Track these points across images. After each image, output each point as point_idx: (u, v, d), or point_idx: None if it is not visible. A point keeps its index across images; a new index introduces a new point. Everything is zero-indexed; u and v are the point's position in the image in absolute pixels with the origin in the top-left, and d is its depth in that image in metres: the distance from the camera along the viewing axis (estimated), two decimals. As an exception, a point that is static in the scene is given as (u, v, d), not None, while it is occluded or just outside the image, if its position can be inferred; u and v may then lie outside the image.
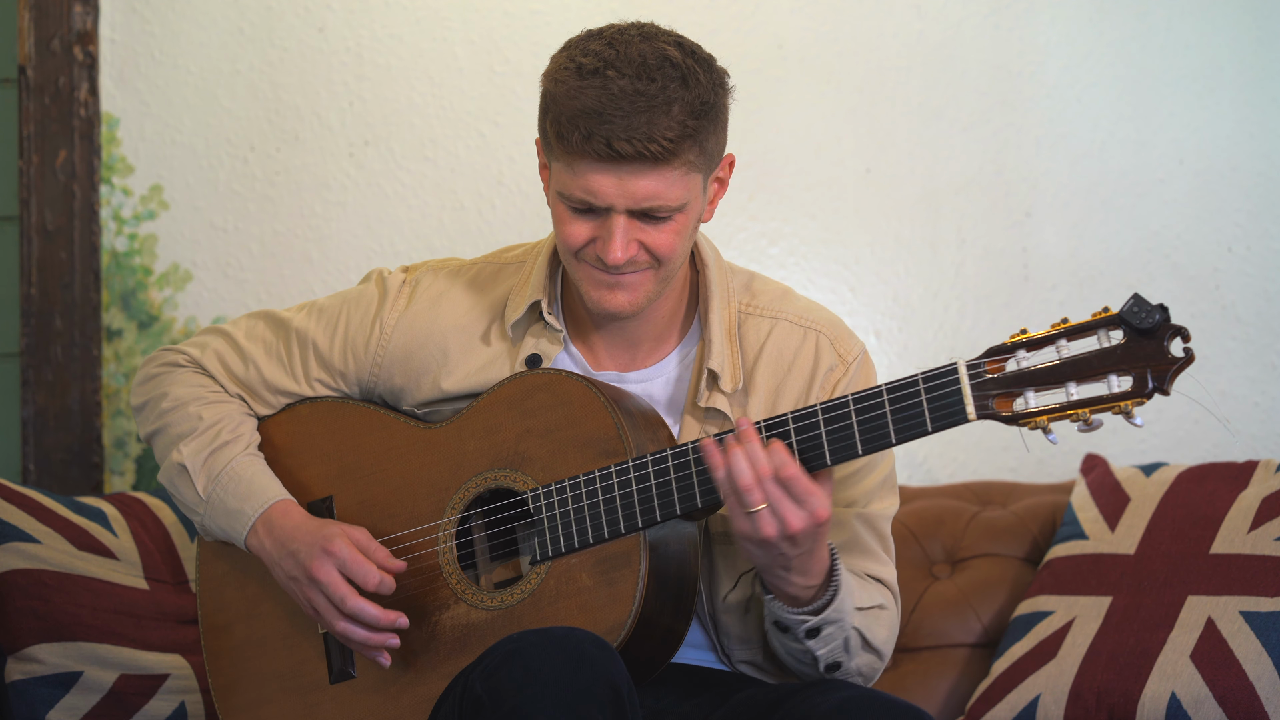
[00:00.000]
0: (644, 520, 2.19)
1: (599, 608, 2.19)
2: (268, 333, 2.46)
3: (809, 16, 3.30)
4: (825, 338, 2.35)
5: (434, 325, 2.39)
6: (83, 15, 3.31)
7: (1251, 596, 2.68)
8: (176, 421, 2.43)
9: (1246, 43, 3.26)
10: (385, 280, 2.44)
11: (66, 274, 3.31)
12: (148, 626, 2.78)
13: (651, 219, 2.22)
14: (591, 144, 2.15)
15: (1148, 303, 1.99)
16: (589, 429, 2.24)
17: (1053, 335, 2.04)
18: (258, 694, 2.41)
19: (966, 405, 2.05)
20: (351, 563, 2.27)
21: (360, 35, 3.33)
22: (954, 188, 3.29)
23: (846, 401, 2.12)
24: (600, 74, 2.17)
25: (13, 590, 2.68)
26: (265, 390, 2.44)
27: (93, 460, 3.31)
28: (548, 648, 2.05)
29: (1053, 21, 3.28)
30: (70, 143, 3.31)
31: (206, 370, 2.46)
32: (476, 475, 2.31)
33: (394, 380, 2.40)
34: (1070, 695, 2.71)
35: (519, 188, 3.32)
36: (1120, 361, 2.00)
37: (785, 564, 2.15)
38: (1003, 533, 3.03)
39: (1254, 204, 3.25)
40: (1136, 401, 1.99)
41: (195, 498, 2.39)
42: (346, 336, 2.42)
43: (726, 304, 2.36)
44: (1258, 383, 3.24)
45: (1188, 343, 2.00)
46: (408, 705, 2.30)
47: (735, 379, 2.31)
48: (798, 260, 3.29)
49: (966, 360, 2.06)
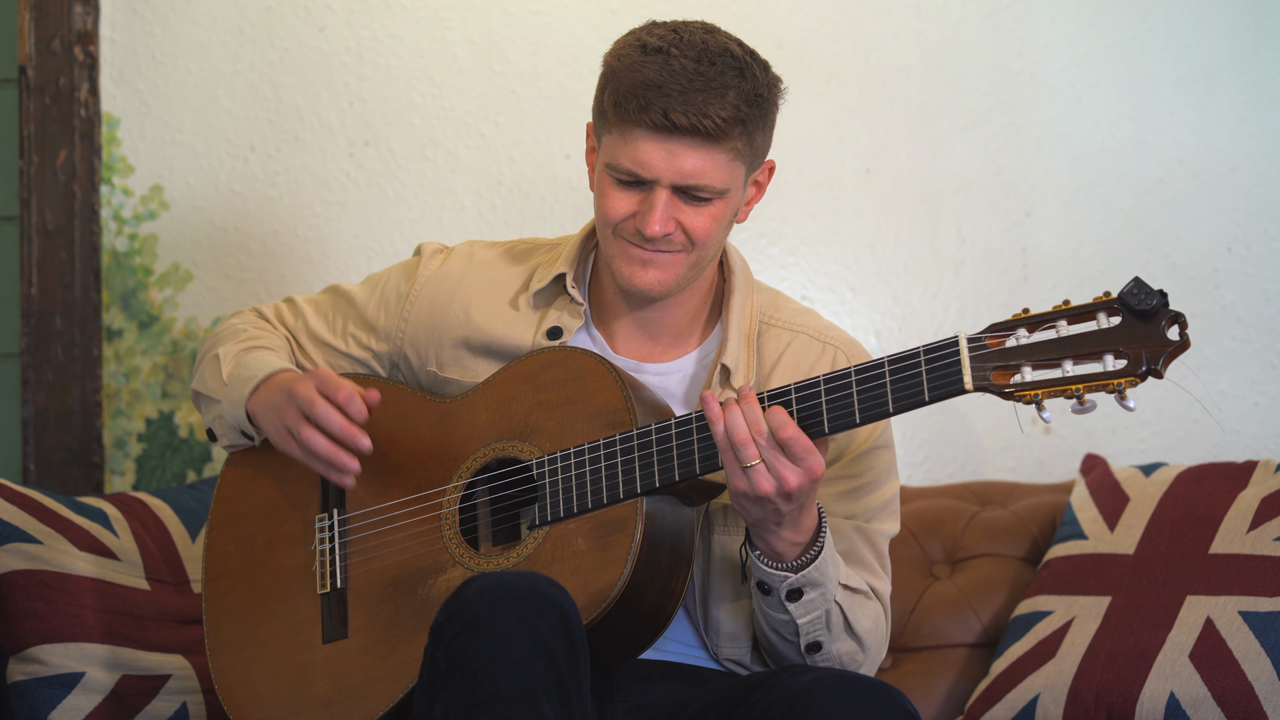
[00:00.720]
0: (643, 486, 2.23)
1: (591, 570, 2.22)
2: (324, 297, 2.61)
3: (809, 16, 3.30)
4: (843, 354, 2.43)
5: (462, 284, 2.49)
6: (83, 15, 3.31)
7: (1250, 596, 2.68)
8: (224, 338, 2.56)
9: (1246, 43, 3.26)
10: (425, 248, 2.57)
11: (67, 274, 3.31)
12: (149, 627, 2.78)
13: (693, 199, 2.30)
14: (649, 114, 2.24)
15: (1148, 286, 2.02)
16: (599, 402, 2.29)
17: (1053, 314, 2.07)
18: (253, 654, 2.45)
19: (965, 376, 2.09)
20: (327, 378, 2.35)
21: (360, 35, 3.33)
22: (954, 188, 3.29)
23: (849, 372, 2.16)
24: (664, 52, 2.26)
25: (14, 591, 2.68)
26: (307, 339, 2.56)
27: (93, 460, 3.31)
28: (502, 575, 2.13)
29: (1053, 21, 3.28)
30: (70, 143, 3.31)
31: (264, 316, 2.61)
32: (485, 445, 2.36)
33: (419, 334, 2.49)
34: (1069, 695, 2.71)
35: (519, 188, 3.32)
36: (1117, 342, 2.03)
37: (778, 519, 2.21)
38: (1002, 533, 3.03)
39: (1254, 204, 3.26)
40: (1130, 381, 2.02)
41: (219, 384, 2.49)
42: (384, 294, 2.54)
43: (749, 311, 2.43)
44: (1258, 383, 3.24)
45: (1185, 329, 2.02)
46: (395, 664, 2.33)
47: (748, 378, 2.38)
48: (798, 260, 3.29)
49: (968, 334, 2.10)
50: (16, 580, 2.69)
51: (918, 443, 3.28)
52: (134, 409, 3.34)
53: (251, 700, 2.43)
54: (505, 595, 2.08)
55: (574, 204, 3.31)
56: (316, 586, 2.42)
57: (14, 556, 2.70)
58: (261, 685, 2.43)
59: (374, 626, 2.37)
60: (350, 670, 2.36)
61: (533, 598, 2.08)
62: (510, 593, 2.09)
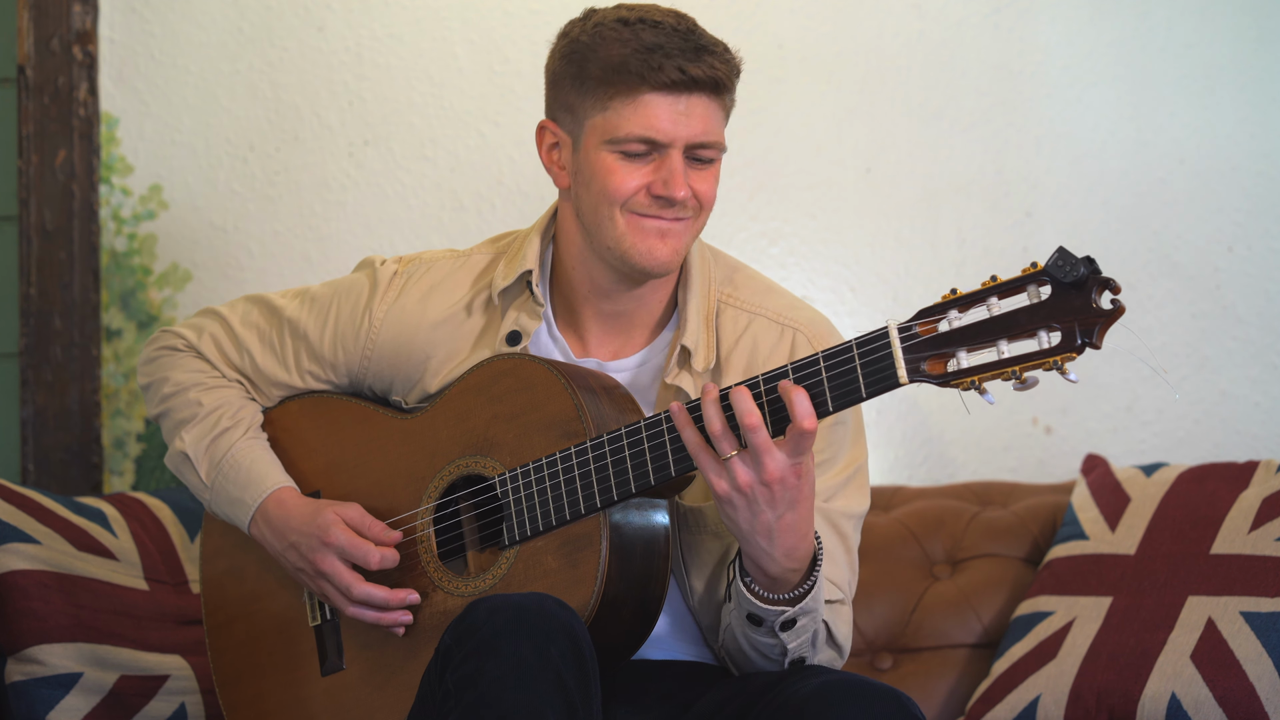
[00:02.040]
0: (602, 500, 2.21)
1: (564, 589, 2.20)
2: (261, 320, 2.49)
3: (809, 16, 3.30)
4: (803, 335, 2.36)
5: (422, 320, 2.41)
6: (82, 15, 3.31)
7: (1252, 597, 2.68)
8: (178, 408, 2.47)
9: (1246, 43, 3.25)
10: (377, 271, 2.46)
11: (66, 274, 3.31)
12: (148, 627, 2.78)
13: (699, 161, 2.28)
14: (663, 73, 2.23)
15: (1072, 255, 1.96)
16: (551, 411, 2.26)
17: (982, 292, 2.01)
18: (258, 688, 2.44)
19: (898, 368, 2.04)
20: (350, 548, 2.31)
21: (360, 35, 3.33)
22: (954, 188, 3.29)
23: (785, 370, 2.11)
24: (646, 21, 2.26)
25: (13, 591, 2.68)
26: (260, 380, 2.48)
27: (92, 460, 3.31)
28: (510, 596, 2.12)
29: (1053, 21, 3.28)
30: (69, 142, 3.31)
31: (204, 355, 2.49)
32: (449, 463, 2.33)
33: (383, 372, 2.43)
34: (1070, 696, 2.71)
35: (519, 188, 3.32)
36: (1049, 316, 1.97)
37: (768, 530, 2.13)
38: (1003, 533, 3.03)
39: (1254, 204, 3.25)
40: (1066, 357, 1.96)
41: (200, 484, 2.44)
42: (337, 328, 2.44)
43: (706, 289, 2.38)
44: (1258, 383, 3.24)
45: (1117, 294, 1.96)
46: (391, 694, 2.32)
47: (708, 360, 2.32)
48: (798, 260, 3.29)
49: (898, 322, 2.05)
50: (15, 580, 2.68)
51: (918, 443, 3.28)
52: (133, 409, 3.33)
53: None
54: (516, 618, 2.07)
55: (574, 204, 3.31)
56: (309, 619, 2.41)
57: (13, 556, 2.70)
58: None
59: (367, 657, 2.36)
60: (350, 703, 2.36)
61: (542, 620, 2.07)
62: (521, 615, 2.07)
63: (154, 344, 2.54)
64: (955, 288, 2.05)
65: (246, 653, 2.46)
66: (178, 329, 2.52)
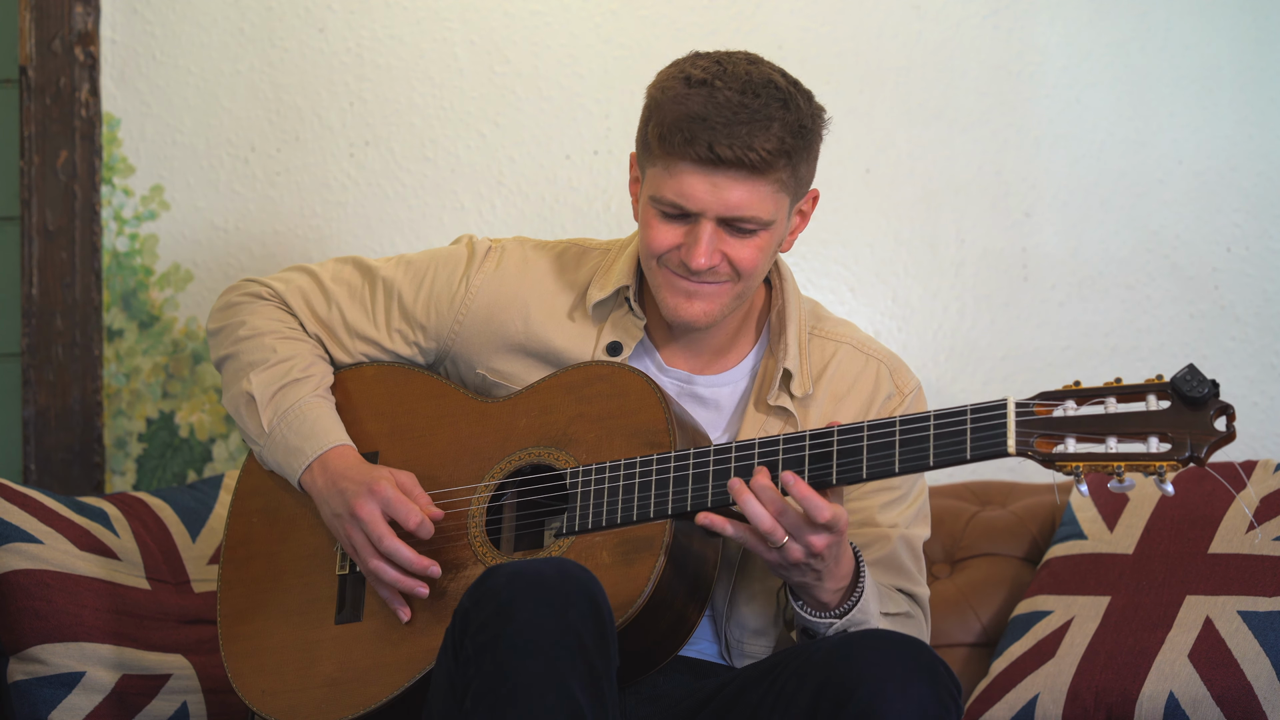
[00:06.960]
0: (674, 508, 2.24)
1: (612, 584, 2.22)
2: (354, 277, 2.54)
3: (809, 16, 3.30)
4: (885, 368, 2.45)
5: (519, 289, 2.47)
6: (83, 16, 3.32)
7: (1250, 596, 2.68)
8: (250, 350, 2.49)
9: (1246, 43, 3.26)
10: (474, 244, 2.52)
11: (67, 274, 3.31)
12: (150, 627, 2.78)
13: (738, 231, 2.30)
14: (694, 147, 2.25)
15: (1201, 374, 2.04)
16: (640, 420, 2.30)
17: (1104, 390, 2.09)
18: (263, 625, 2.45)
19: (1008, 439, 2.10)
20: (395, 502, 2.33)
21: (361, 36, 3.33)
22: (954, 188, 3.29)
23: (893, 422, 2.17)
24: (708, 85, 2.26)
25: (14, 590, 2.68)
26: (345, 333, 2.51)
27: (94, 460, 3.31)
28: (531, 561, 2.14)
29: (1053, 21, 3.28)
30: (71, 143, 3.32)
31: (289, 306, 2.54)
32: (521, 449, 2.36)
33: (473, 338, 2.47)
34: (1068, 695, 2.71)
35: (519, 188, 3.33)
36: (1164, 425, 2.06)
37: (817, 577, 2.23)
38: (1002, 532, 3.03)
39: (1253, 204, 3.26)
40: (1171, 466, 2.04)
41: (259, 429, 2.45)
42: (432, 291, 2.49)
43: (799, 317, 2.44)
44: (1257, 383, 3.24)
45: (1233, 420, 2.04)
46: (405, 653, 2.33)
47: (805, 385, 2.39)
48: (798, 260, 3.30)
49: (1017, 399, 2.12)
50: (17, 580, 2.69)
51: (917, 443, 3.29)
52: (134, 409, 3.34)
53: (256, 670, 2.43)
54: (535, 582, 2.09)
55: (574, 204, 3.32)
56: (335, 567, 2.43)
57: (14, 556, 2.70)
58: (268, 656, 2.43)
59: (387, 615, 2.37)
60: (359, 654, 2.37)
61: (563, 583, 2.09)
62: (540, 579, 2.09)
63: (236, 290, 2.56)
64: (1079, 380, 2.13)
65: (258, 589, 2.47)
66: (264, 279, 2.56)
